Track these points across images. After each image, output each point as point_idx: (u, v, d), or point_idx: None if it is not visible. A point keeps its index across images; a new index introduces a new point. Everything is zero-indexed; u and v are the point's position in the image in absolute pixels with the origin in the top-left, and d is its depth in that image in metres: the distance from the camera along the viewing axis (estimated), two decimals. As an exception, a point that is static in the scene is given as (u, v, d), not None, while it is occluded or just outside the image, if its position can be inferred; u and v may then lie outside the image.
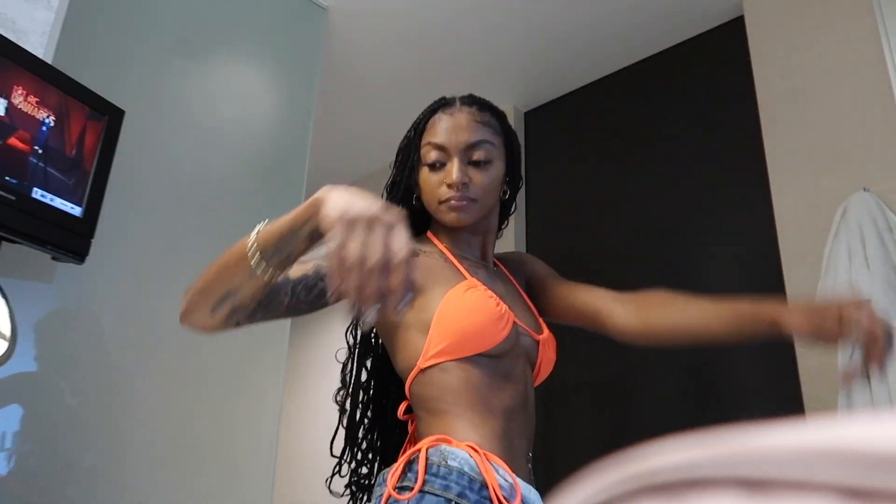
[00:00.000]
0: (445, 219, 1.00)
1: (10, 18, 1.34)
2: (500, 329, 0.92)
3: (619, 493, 0.19)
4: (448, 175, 0.98)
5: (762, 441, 0.17)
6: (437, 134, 1.01)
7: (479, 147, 1.00)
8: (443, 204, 0.99)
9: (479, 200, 0.99)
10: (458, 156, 0.99)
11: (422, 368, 0.91)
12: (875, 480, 0.15)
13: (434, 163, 1.00)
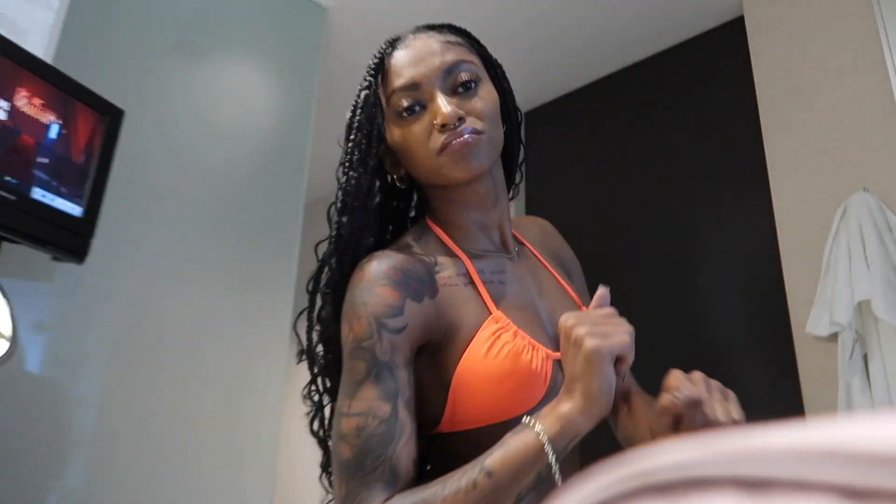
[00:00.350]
0: (454, 172, 0.73)
1: (11, 19, 1.34)
2: (536, 389, 0.70)
3: (618, 492, 0.19)
4: (435, 113, 0.73)
5: (762, 441, 0.17)
6: (400, 74, 0.78)
7: (460, 67, 0.76)
8: (443, 154, 0.72)
9: (486, 131, 0.73)
10: (439, 86, 0.75)
11: (432, 435, 0.72)
12: (875, 480, 0.15)
13: (410, 107, 0.75)
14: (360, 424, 0.63)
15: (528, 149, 2.95)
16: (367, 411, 0.64)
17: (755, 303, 2.08)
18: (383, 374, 0.65)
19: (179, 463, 1.60)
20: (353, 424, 0.64)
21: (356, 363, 0.67)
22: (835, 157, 1.90)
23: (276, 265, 1.93)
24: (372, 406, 0.64)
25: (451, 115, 0.71)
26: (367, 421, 0.63)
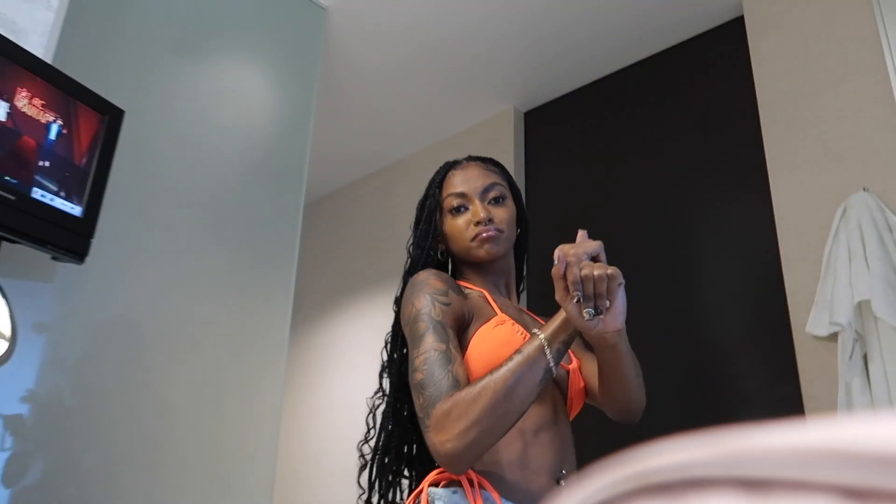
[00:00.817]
0: (479, 253, 1.11)
1: (10, 18, 1.34)
2: None
3: (618, 493, 0.19)
4: (474, 214, 1.11)
5: (762, 441, 0.17)
6: (455, 185, 1.15)
7: (494, 188, 1.15)
8: (475, 240, 1.11)
9: (505, 231, 1.12)
10: (478, 197, 1.13)
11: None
12: (875, 480, 0.15)
13: (458, 207, 1.14)
14: (425, 358, 0.92)
15: (529, 148, 2.96)
16: (429, 349, 0.92)
17: (755, 303, 2.08)
18: (437, 328, 0.95)
19: (179, 463, 1.60)
20: (421, 359, 0.92)
21: (418, 324, 0.96)
22: (835, 157, 1.90)
23: (276, 265, 1.94)
24: (432, 346, 0.93)
25: (484, 216, 1.10)
26: (430, 355, 0.92)
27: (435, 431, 0.84)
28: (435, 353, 0.91)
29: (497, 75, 2.81)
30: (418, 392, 0.90)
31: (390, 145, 3.36)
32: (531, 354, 0.87)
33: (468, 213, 1.13)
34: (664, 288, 2.32)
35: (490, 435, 0.83)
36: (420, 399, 0.89)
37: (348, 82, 2.83)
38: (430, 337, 0.93)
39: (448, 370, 0.89)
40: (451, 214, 1.14)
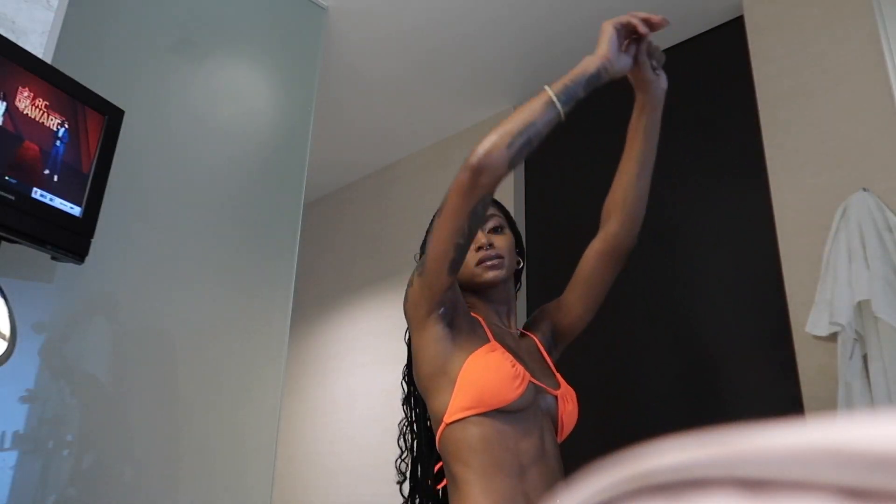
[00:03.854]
0: (484, 277, 1.16)
1: (10, 18, 1.34)
2: (514, 387, 1.03)
3: (618, 493, 0.19)
4: (476, 241, 1.17)
5: (762, 441, 0.17)
6: None
7: (491, 219, 1.21)
8: (479, 266, 1.17)
9: (505, 257, 1.18)
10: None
11: (447, 423, 1.03)
12: (875, 480, 0.15)
13: None
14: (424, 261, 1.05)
15: (528, 149, 2.95)
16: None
17: (755, 303, 2.08)
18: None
19: (177, 463, 1.60)
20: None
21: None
22: (835, 157, 1.90)
23: (276, 265, 1.94)
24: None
25: (485, 242, 1.18)
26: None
27: (463, 172, 0.97)
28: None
29: (497, 76, 2.81)
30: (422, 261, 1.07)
31: (390, 145, 3.36)
32: (536, 99, 1.01)
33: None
34: (664, 288, 2.32)
35: (510, 148, 0.96)
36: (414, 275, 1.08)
37: (348, 82, 2.83)
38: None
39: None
40: None
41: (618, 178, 1.27)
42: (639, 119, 1.25)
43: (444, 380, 1.05)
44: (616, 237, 1.24)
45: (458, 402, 1.02)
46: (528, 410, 1.06)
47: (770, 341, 1.99)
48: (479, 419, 1.01)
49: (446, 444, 1.04)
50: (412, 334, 1.11)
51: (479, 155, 0.95)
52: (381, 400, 2.97)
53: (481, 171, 0.95)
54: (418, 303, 1.07)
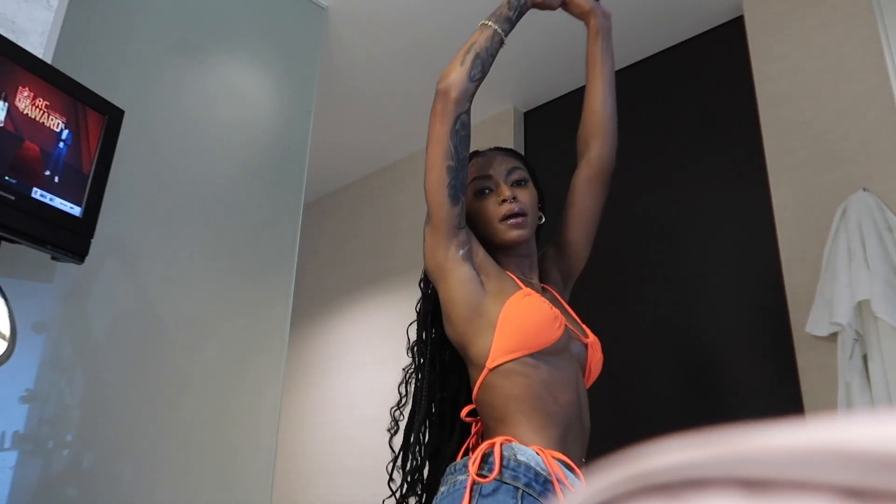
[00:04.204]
0: (507, 236, 1.15)
1: (10, 18, 1.34)
2: (556, 328, 1.05)
3: (618, 493, 0.19)
4: (500, 192, 1.17)
5: (762, 441, 0.17)
6: (480, 169, 1.21)
7: (516, 171, 1.21)
8: (503, 222, 1.15)
9: (529, 214, 1.17)
10: (503, 178, 1.19)
11: (491, 368, 1.03)
12: (875, 480, 0.15)
13: (483, 189, 1.18)
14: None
15: (528, 148, 2.96)
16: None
17: (755, 303, 2.08)
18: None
19: (177, 462, 1.60)
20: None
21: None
22: (835, 157, 1.90)
23: (276, 264, 1.94)
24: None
25: (509, 195, 1.16)
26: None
27: (435, 99, 1.10)
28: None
29: (497, 75, 2.80)
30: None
31: (390, 145, 3.36)
32: (476, 32, 1.15)
33: (493, 194, 1.17)
34: (664, 288, 2.32)
35: (463, 64, 1.10)
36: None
37: (348, 81, 2.83)
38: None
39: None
40: (477, 197, 1.18)
41: (587, 105, 1.33)
42: (593, 45, 1.35)
43: (482, 322, 1.05)
44: (600, 158, 1.31)
45: (502, 344, 1.02)
46: (564, 357, 1.07)
47: (770, 341, 1.99)
48: (521, 367, 1.02)
49: (488, 394, 1.03)
50: (439, 287, 1.10)
51: (441, 80, 1.10)
52: (381, 400, 2.96)
53: (448, 91, 1.08)
54: (434, 249, 1.08)
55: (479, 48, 1.12)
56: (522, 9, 1.21)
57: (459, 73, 1.09)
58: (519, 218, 1.15)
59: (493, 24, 1.15)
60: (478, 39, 1.13)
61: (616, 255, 2.50)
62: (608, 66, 1.35)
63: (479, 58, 1.11)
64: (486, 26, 1.15)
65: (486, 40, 1.13)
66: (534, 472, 0.95)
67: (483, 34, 1.14)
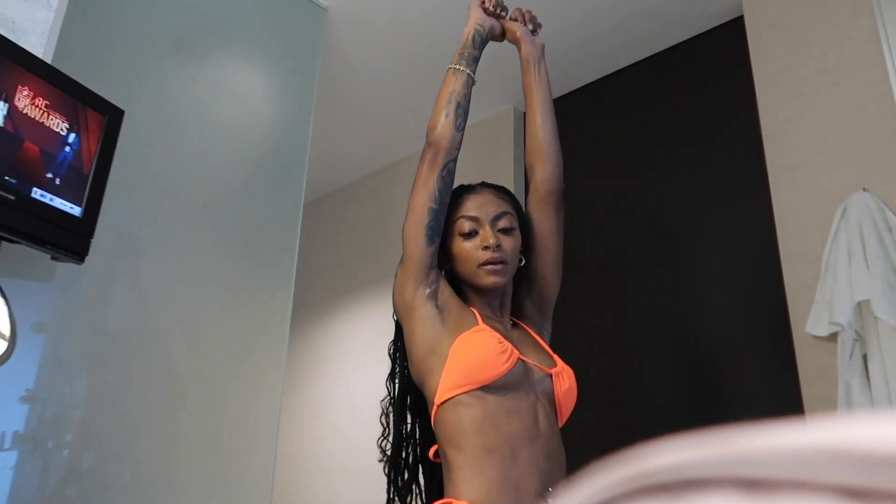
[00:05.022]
0: (485, 281, 1.16)
1: (10, 18, 1.34)
2: (502, 362, 1.06)
3: (618, 493, 0.19)
4: (484, 239, 1.17)
5: (762, 441, 0.17)
6: (468, 209, 1.20)
7: (504, 216, 1.20)
8: (482, 267, 1.16)
9: (509, 262, 1.18)
10: (489, 223, 1.18)
11: (438, 404, 1.06)
12: (875, 480, 0.15)
13: (469, 232, 1.18)
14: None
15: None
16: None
17: (755, 303, 2.08)
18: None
19: (177, 463, 1.60)
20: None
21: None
22: (835, 157, 1.90)
23: (276, 265, 1.93)
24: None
25: (493, 242, 1.16)
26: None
27: (425, 150, 1.17)
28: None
29: (497, 75, 2.81)
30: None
31: (390, 145, 3.36)
32: (446, 76, 1.22)
33: (477, 238, 1.18)
34: (664, 288, 2.32)
35: (448, 116, 1.16)
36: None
37: (348, 82, 2.83)
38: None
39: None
40: (461, 237, 1.19)
41: (528, 131, 1.33)
42: (525, 73, 1.36)
43: (435, 360, 1.08)
44: (544, 182, 1.28)
45: (448, 380, 1.05)
46: (519, 390, 1.08)
47: (770, 341, 1.99)
48: (468, 399, 1.04)
49: (440, 427, 1.06)
50: (404, 326, 1.14)
51: (429, 134, 1.16)
52: (380, 400, 2.96)
53: (439, 142, 1.15)
54: (403, 287, 1.12)
55: (459, 97, 1.18)
56: (484, 43, 1.30)
57: (446, 126, 1.15)
58: (498, 265, 1.16)
59: (464, 68, 1.22)
60: (455, 87, 1.19)
61: (616, 255, 2.50)
62: (542, 91, 1.34)
63: (461, 107, 1.18)
64: (459, 71, 1.21)
65: (462, 86, 1.19)
66: None
67: (458, 80, 1.20)
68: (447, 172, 1.15)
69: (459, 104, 1.17)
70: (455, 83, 1.19)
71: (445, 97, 1.18)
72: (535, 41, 1.37)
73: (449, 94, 1.18)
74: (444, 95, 1.18)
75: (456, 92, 1.18)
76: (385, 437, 1.20)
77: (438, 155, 1.15)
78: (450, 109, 1.16)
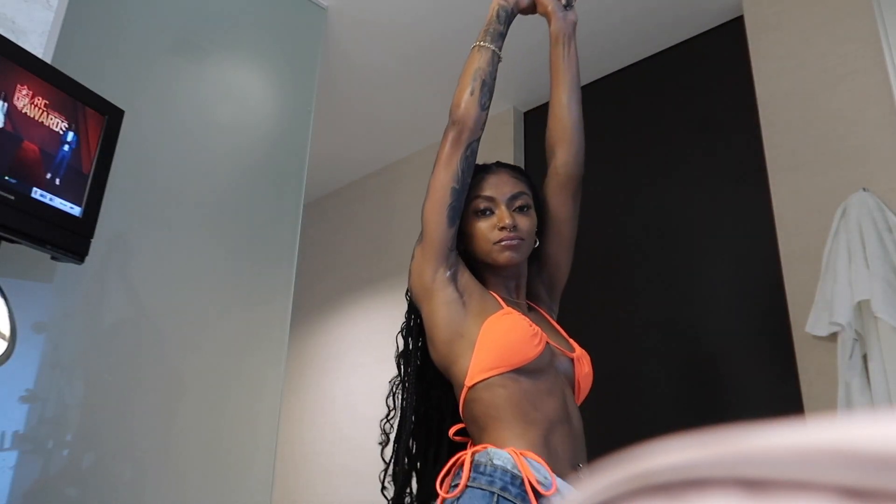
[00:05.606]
0: (500, 258, 1.14)
1: (10, 18, 1.34)
2: (534, 345, 1.05)
3: (619, 493, 0.19)
4: (500, 219, 1.15)
5: (762, 441, 0.17)
6: (484, 188, 1.18)
7: (521, 196, 1.18)
8: (497, 244, 1.14)
9: (526, 240, 1.16)
10: (505, 203, 1.17)
11: (469, 386, 1.04)
12: (875, 480, 0.15)
13: (484, 210, 1.17)
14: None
15: (528, 148, 2.96)
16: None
17: (755, 303, 2.08)
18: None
19: (178, 462, 1.60)
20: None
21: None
22: (835, 157, 1.90)
23: (276, 265, 1.93)
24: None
25: (509, 223, 1.14)
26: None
27: (449, 128, 1.14)
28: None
29: (497, 75, 2.81)
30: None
31: (390, 145, 3.36)
32: (470, 53, 1.17)
33: (493, 217, 1.16)
34: (664, 288, 2.32)
35: (473, 94, 1.13)
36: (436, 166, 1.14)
37: (348, 82, 2.83)
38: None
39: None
40: (476, 216, 1.17)
41: (551, 112, 1.29)
42: (555, 49, 1.31)
43: (462, 343, 1.06)
44: (565, 166, 1.25)
45: (480, 363, 1.04)
46: (547, 372, 1.07)
47: (770, 341, 1.99)
48: (502, 380, 1.03)
49: (473, 406, 1.05)
50: (423, 308, 1.12)
51: (453, 111, 1.13)
52: (381, 400, 2.96)
53: (464, 120, 1.12)
54: (422, 269, 1.10)
55: (484, 74, 1.14)
56: (510, 18, 1.24)
57: (471, 104, 1.13)
58: (514, 241, 1.14)
59: (488, 44, 1.17)
60: (480, 64, 1.15)
61: (616, 255, 2.50)
62: (571, 72, 1.29)
63: (486, 85, 1.14)
64: (484, 48, 1.17)
65: (487, 64, 1.15)
66: (510, 476, 0.95)
67: (483, 57, 1.16)
68: (471, 153, 1.12)
69: (485, 81, 1.14)
70: (480, 60, 1.15)
71: (470, 74, 1.14)
72: (566, 17, 1.32)
73: (474, 71, 1.14)
74: (469, 73, 1.14)
75: (481, 69, 1.14)
76: (388, 418, 1.18)
77: (463, 134, 1.12)
78: (475, 86, 1.13)
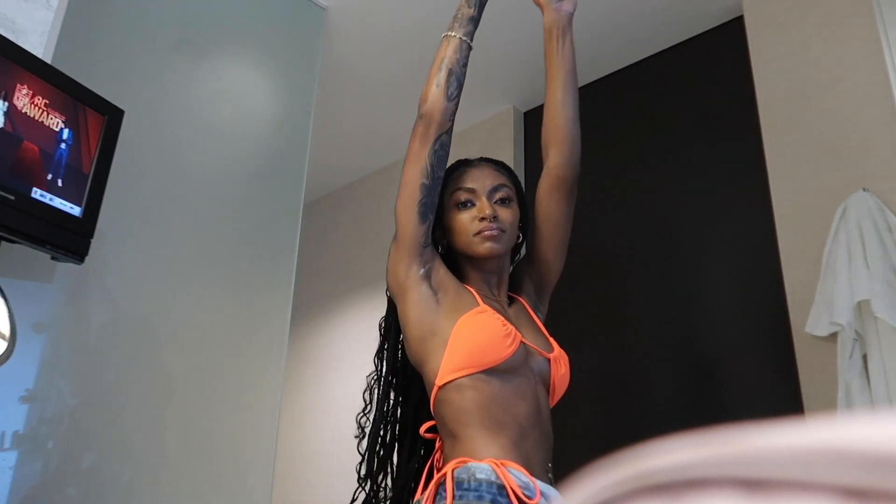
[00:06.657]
0: (480, 249, 1.13)
1: (10, 18, 1.34)
2: (506, 346, 1.04)
3: (618, 493, 0.19)
4: (480, 210, 1.14)
5: (762, 441, 0.17)
6: (465, 181, 1.18)
7: (501, 189, 1.18)
8: (477, 235, 1.13)
9: (507, 232, 1.15)
10: (486, 194, 1.16)
11: (440, 386, 1.03)
12: (875, 480, 0.15)
13: (465, 202, 1.16)
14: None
15: (528, 148, 2.96)
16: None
17: (755, 303, 2.08)
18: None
19: (177, 462, 1.59)
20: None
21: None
22: (835, 157, 1.90)
23: (276, 265, 1.93)
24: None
25: (489, 213, 1.13)
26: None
27: (417, 122, 1.12)
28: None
29: (497, 75, 2.81)
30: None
31: (390, 145, 3.36)
32: (440, 44, 1.15)
33: (474, 209, 1.15)
34: (663, 288, 2.32)
35: (439, 86, 1.10)
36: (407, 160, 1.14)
37: (348, 82, 2.83)
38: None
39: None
40: (457, 209, 1.16)
41: (547, 108, 1.24)
42: (549, 43, 1.26)
43: (434, 342, 1.05)
44: (558, 167, 1.23)
45: (450, 363, 1.02)
46: (521, 373, 1.06)
47: (770, 341, 1.99)
48: (472, 381, 1.01)
49: (443, 407, 1.03)
50: (398, 305, 1.11)
51: (420, 105, 1.11)
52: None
53: (431, 114, 1.10)
54: (396, 266, 1.09)
55: (450, 63, 1.12)
56: (483, 2, 1.21)
57: (437, 96, 1.10)
58: (495, 231, 1.13)
59: (455, 33, 1.15)
60: (446, 54, 1.13)
61: (616, 254, 2.50)
62: (565, 66, 1.24)
63: (453, 74, 1.11)
64: (450, 38, 1.15)
65: (453, 52, 1.13)
66: (496, 487, 0.94)
67: (449, 46, 1.14)
68: (440, 146, 1.10)
69: (451, 71, 1.11)
70: (446, 49, 1.13)
71: (437, 65, 1.12)
72: (561, 7, 1.26)
73: (440, 62, 1.12)
74: (436, 64, 1.12)
75: (447, 58, 1.12)
76: (365, 413, 1.18)
77: (430, 127, 1.10)
78: (440, 78, 1.10)
